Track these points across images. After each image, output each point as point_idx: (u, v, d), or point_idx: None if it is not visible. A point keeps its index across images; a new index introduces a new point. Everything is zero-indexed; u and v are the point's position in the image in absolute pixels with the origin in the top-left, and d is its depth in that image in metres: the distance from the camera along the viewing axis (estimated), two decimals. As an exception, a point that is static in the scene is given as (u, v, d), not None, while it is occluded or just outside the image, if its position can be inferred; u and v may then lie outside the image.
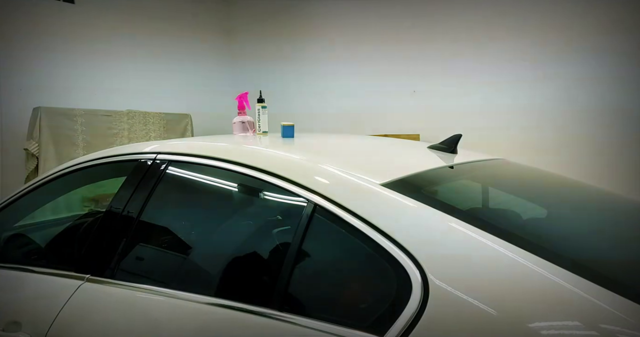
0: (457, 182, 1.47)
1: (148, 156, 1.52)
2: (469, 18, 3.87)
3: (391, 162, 1.49)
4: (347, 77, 4.64)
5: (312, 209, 1.09)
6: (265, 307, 1.05)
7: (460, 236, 0.95)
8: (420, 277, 0.90)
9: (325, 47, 4.78)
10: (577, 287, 0.82)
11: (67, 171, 1.73)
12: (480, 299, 0.84)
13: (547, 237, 1.15)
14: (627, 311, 0.78)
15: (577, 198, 1.59)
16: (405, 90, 4.27)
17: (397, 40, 4.29)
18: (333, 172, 1.17)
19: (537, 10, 3.56)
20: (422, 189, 1.18)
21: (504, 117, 3.76)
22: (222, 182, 1.47)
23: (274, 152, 1.42)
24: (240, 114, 2.01)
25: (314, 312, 1.02)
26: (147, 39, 4.82)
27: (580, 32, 3.40)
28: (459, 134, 1.63)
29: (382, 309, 0.96)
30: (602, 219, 1.42)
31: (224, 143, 1.59)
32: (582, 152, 3.44)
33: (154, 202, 1.42)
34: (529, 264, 0.87)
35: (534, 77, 3.61)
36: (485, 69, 3.83)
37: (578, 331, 0.78)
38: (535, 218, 1.36)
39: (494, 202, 1.44)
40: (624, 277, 0.95)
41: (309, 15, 4.89)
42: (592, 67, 3.38)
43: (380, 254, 0.97)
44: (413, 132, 4.07)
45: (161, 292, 1.24)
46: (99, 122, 4.30)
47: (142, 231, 1.43)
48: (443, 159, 1.54)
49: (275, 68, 5.15)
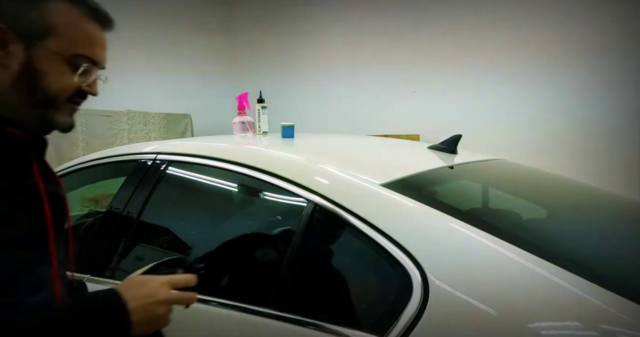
0: (457, 183, 1.47)
1: (148, 156, 1.52)
2: (469, 19, 3.87)
3: (391, 163, 1.49)
4: (347, 77, 4.63)
5: (312, 209, 1.09)
6: (265, 307, 1.05)
7: (460, 236, 0.95)
8: (420, 277, 0.90)
9: (326, 47, 4.78)
10: (577, 287, 0.82)
11: (67, 171, 1.73)
12: (480, 299, 0.84)
13: (547, 237, 1.16)
14: (627, 311, 0.78)
15: (577, 198, 1.60)
16: (405, 91, 4.27)
17: (397, 40, 4.28)
18: (333, 173, 1.17)
19: (535, 11, 3.56)
20: (422, 189, 1.18)
21: (505, 118, 3.76)
22: (222, 182, 1.47)
23: (274, 153, 1.42)
24: (240, 115, 2.01)
25: (314, 312, 1.02)
26: (147, 39, 4.82)
27: (580, 33, 3.40)
28: (459, 135, 1.63)
29: (383, 309, 0.96)
30: (602, 219, 1.42)
31: (224, 143, 1.59)
32: (583, 152, 3.43)
33: (154, 203, 1.42)
34: (529, 264, 0.87)
35: (534, 77, 3.61)
36: (486, 69, 3.82)
37: (578, 331, 0.78)
38: (535, 218, 1.37)
39: (493, 203, 1.44)
40: (624, 277, 0.95)
41: (309, 16, 4.89)
42: (590, 69, 3.39)
43: (381, 255, 0.97)
44: (413, 132, 4.07)
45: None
46: (98, 123, 4.30)
47: (142, 231, 1.43)
48: (443, 159, 1.54)
49: (276, 68, 5.15)
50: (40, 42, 0.70)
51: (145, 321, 0.68)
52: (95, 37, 0.75)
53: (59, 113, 0.75)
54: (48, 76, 0.71)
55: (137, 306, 0.68)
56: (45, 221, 0.68)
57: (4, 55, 0.69)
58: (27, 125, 0.72)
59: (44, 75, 0.70)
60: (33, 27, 0.69)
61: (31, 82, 0.70)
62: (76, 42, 0.72)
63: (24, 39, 0.69)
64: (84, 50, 0.73)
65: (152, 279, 0.74)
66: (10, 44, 0.69)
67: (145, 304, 0.69)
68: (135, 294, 0.69)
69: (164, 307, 0.72)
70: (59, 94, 0.73)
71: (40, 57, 0.70)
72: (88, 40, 0.74)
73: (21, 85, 0.70)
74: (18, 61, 0.69)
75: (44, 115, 0.73)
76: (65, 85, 0.73)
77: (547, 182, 1.72)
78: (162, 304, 0.71)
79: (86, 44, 0.74)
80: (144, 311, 0.68)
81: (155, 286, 0.72)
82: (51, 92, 0.72)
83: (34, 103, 0.71)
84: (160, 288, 0.72)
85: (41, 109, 0.72)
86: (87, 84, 0.76)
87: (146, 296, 0.70)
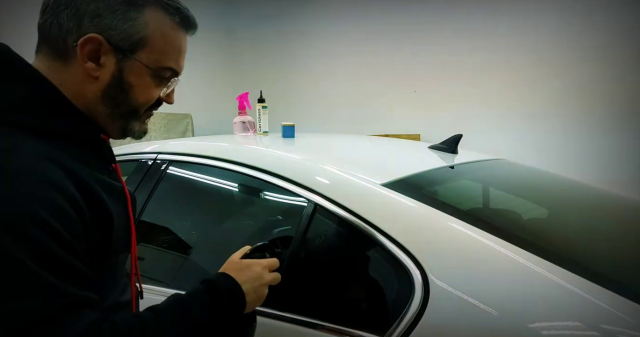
0: (458, 182, 1.47)
1: (149, 156, 1.52)
2: (469, 18, 3.87)
3: (392, 162, 1.49)
4: (348, 77, 4.63)
5: (312, 209, 1.09)
6: (266, 307, 1.05)
7: (461, 236, 0.95)
8: (421, 277, 0.90)
9: (326, 47, 4.78)
10: (578, 288, 0.82)
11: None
12: (481, 299, 0.84)
13: (547, 237, 1.16)
14: (627, 311, 0.78)
15: (578, 198, 1.60)
16: (406, 90, 4.27)
17: (397, 40, 4.28)
18: (333, 172, 1.17)
19: (536, 9, 3.56)
20: (422, 189, 1.18)
21: (505, 118, 3.76)
22: (223, 182, 1.47)
23: (275, 152, 1.42)
24: (241, 114, 2.01)
25: (314, 312, 1.02)
26: (148, 38, 4.83)
27: (579, 31, 3.40)
28: (460, 134, 1.63)
29: (383, 309, 0.96)
30: (602, 219, 1.42)
31: (224, 143, 1.59)
32: (583, 152, 3.43)
33: (154, 202, 1.42)
34: (529, 264, 0.87)
35: (535, 76, 3.61)
36: (486, 69, 3.82)
37: (579, 331, 0.78)
38: (535, 218, 1.37)
39: (494, 203, 1.44)
40: (625, 277, 0.95)
41: (310, 15, 4.89)
42: (590, 68, 3.39)
43: (381, 254, 0.97)
44: (413, 132, 4.07)
45: (162, 292, 1.24)
46: (99, 122, 4.29)
47: (143, 231, 1.43)
48: (443, 159, 1.54)
49: (276, 68, 5.15)
50: (133, 54, 0.69)
51: (255, 300, 0.79)
52: (182, 48, 0.75)
53: (139, 123, 0.76)
54: (135, 89, 0.71)
55: (249, 287, 0.77)
56: (129, 221, 0.76)
57: (96, 67, 0.68)
58: (110, 132, 0.75)
59: (132, 88, 0.71)
60: (128, 39, 0.68)
61: (119, 95, 0.70)
62: (166, 55, 0.72)
63: (117, 51, 0.68)
64: (171, 62, 0.73)
65: (256, 263, 0.83)
66: (103, 56, 0.68)
67: (256, 286, 0.79)
68: (247, 278, 0.78)
69: (266, 288, 0.82)
70: (143, 106, 0.74)
71: (131, 70, 0.69)
72: (176, 52, 0.74)
73: (109, 97, 0.70)
74: (109, 73, 0.69)
75: (126, 125, 0.74)
76: (150, 97, 0.74)
77: (548, 182, 1.72)
78: (266, 285, 0.82)
79: (174, 56, 0.74)
80: (254, 292, 0.78)
81: (260, 270, 0.82)
82: (137, 105, 0.73)
83: (120, 114, 0.72)
84: (264, 271, 0.82)
85: (125, 119, 0.74)
86: (166, 94, 0.77)
87: (255, 279, 0.79)
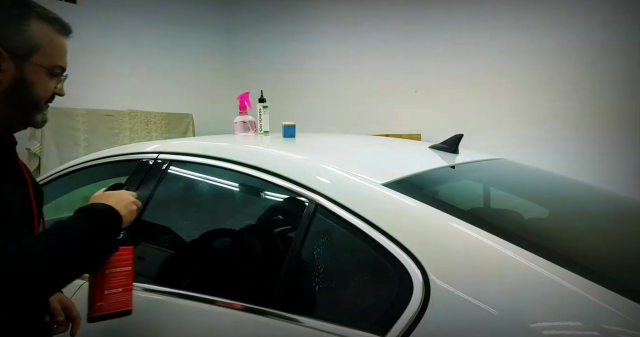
0: (459, 182, 1.47)
1: (150, 156, 1.52)
2: (469, 18, 3.87)
3: (392, 162, 1.49)
4: (349, 77, 4.63)
5: (313, 209, 1.09)
6: (266, 307, 1.05)
7: (462, 236, 0.95)
8: (421, 277, 0.90)
9: (327, 46, 4.78)
10: (579, 288, 0.82)
11: (69, 170, 1.73)
12: (481, 299, 0.84)
13: (548, 237, 1.15)
14: (628, 311, 0.78)
15: (579, 198, 1.59)
16: (406, 90, 4.27)
17: (398, 39, 4.28)
18: (334, 172, 1.17)
19: (536, 9, 3.56)
20: (423, 188, 1.18)
21: (506, 117, 3.75)
22: (224, 182, 1.47)
23: (276, 152, 1.41)
24: (242, 114, 2.01)
25: (315, 312, 1.03)
26: (149, 38, 4.83)
27: (578, 33, 3.40)
28: (461, 134, 1.63)
29: (384, 309, 0.96)
30: (603, 218, 1.42)
31: (225, 143, 1.59)
32: (583, 152, 3.43)
33: (155, 202, 1.42)
34: (530, 264, 0.87)
35: (535, 76, 3.60)
36: (486, 69, 3.82)
37: (579, 331, 0.78)
38: (536, 218, 1.36)
39: (495, 202, 1.44)
40: (626, 277, 0.95)
41: (310, 15, 4.89)
42: (590, 69, 3.38)
43: (382, 254, 0.97)
44: (414, 131, 4.07)
45: (162, 291, 1.24)
46: (100, 122, 4.30)
47: (143, 231, 1.43)
48: (444, 158, 1.54)
49: (277, 68, 5.15)
50: (30, 58, 0.87)
51: (128, 215, 1.00)
52: (65, 48, 0.94)
53: (40, 114, 0.94)
54: (35, 85, 0.89)
55: (120, 206, 0.98)
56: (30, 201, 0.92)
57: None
58: (12, 125, 0.92)
59: (33, 85, 0.89)
60: (24, 47, 0.86)
61: (23, 92, 0.88)
62: (54, 56, 0.91)
63: (16, 57, 0.85)
64: (59, 61, 0.92)
65: (119, 191, 1.06)
66: (3, 63, 0.84)
67: (125, 204, 1.00)
68: (115, 199, 0.99)
69: (134, 205, 1.03)
70: (43, 99, 0.92)
71: (30, 71, 0.88)
72: (61, 52, 0.93)
73: (14, 95, 0.87)
74: (11, 76, 0.86)
75: (30, 117, 0.93)
76: (47, 91, 0.92)
77: (548, 182, 1.72)
78: (133, 203, 1.03)
79: (60, 56, 0.93)
80: (125, 208, 0.99)
81: (122, 192, 1.05)
82: (39, 98, 0.91)
83: (24, 108, 0.90)
84: (125, 193, 1.05)
85: (29, 112, 0.92)
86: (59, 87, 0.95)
87: (121, 199, 1.01)
